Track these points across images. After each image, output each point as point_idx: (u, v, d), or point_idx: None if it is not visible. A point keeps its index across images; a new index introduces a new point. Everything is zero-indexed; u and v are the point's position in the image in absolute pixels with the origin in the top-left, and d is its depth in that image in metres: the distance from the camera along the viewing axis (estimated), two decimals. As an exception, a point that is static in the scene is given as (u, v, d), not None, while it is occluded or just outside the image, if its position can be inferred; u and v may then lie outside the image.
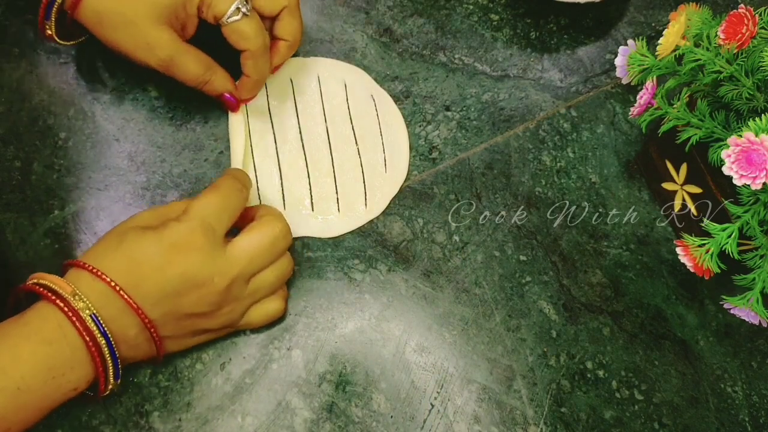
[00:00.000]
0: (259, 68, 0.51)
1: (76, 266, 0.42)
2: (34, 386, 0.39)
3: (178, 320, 0.43)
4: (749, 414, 0.50)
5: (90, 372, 0.41)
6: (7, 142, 0.52)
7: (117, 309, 0.41)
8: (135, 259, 0.42)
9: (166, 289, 0.42)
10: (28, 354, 0.39)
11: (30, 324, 0.40)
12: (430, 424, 0.47)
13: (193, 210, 0.44)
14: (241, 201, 0.46)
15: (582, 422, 0.48)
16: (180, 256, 0.42)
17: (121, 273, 0.41)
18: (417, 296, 0.51)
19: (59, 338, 0.40)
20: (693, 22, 0.48)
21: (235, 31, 0.48)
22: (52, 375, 0.39)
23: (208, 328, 0.45)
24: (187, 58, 0.49)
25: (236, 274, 0.44)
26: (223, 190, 0.46)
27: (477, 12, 0.62)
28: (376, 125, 0.56)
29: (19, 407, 0.39)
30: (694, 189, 0.51)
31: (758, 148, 0.39)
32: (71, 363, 0.40)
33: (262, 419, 0.46)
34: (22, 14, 0.56)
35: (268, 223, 0.46)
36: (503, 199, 0.55)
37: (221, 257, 0.43)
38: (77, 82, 0.54)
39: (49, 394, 0.40)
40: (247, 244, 0.44)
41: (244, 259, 0.44)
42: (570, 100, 0.59)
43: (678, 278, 0.54)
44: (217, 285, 0.43)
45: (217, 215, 0.44)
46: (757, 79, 0.44)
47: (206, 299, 0.43)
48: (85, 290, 0.41)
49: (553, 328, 0.51)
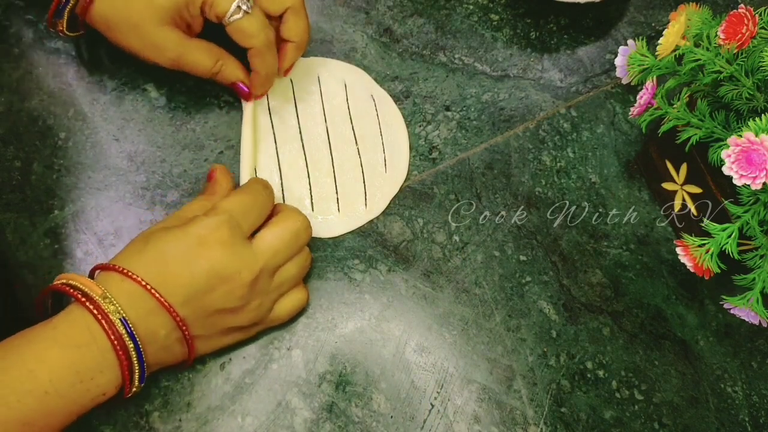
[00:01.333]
0: (267, 64, 0.51)
1: (104, 269, 0.42)
2: (62, 390, 0.38)
3: (207, 317, 0.43)
4: (749, 414, 0.50)
5: (118, 376, 0.41)
6: (7, 142, 0.52)
7: (146, 309, 0.41)
8: (162, 256, 0.42)
9: (194, 285, 0.42)
10: (57, 358, 0.39)
11: (58, 328, 0.40)
12: (430, 424, 0.47)
13: (220, 206, 0.45)
14: (268, 202, 0.47)
15: (582, 422, 0.48)
16: (206, 250, 0.42)
17: (149, 272, 0.41)
18: (417, 296, 0.51)
19: (88, 342, 0.39)
20: (693, 22, 0.48)
21: (238, 30, 0.49)
22: (80, 379, 0.39)
23: (237, 325, 0.45)
24: (196, 53, 0.50)
25: (262, 267, 0.44)
26: (250, 190, 0.47)
27: (477, 12, 0.62)
28: (376, 125, 0.56)
29: (47, 412, 0.38)
30: (694, 189, 0.51)
31: (758, 148, 0.39)
32: (100, 367, 0.40)
33: (262, 419, 0.46)
34: (22, 14, 0.56)
35: (290, 217, 0.47)
36: (503, 199, 0.55)
37: (247, 251, 0.44)
38: (77, 82, 0.54)
39: (77, 399, 0.39)
40: (271, 238, 0.45)
41: (269, 252, 0.45)
42: (570, 100, 0.59)
43: (678, 278, 0.54)
44: (244, 278, 0.43)
45: (244, 212, 0.45)
46: (757, 79, 0.44)
47: (234, 293, 0.43)
48: (115, 292, 0.41)
49: (553, 328, 0.51)
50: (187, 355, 0.44)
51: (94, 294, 0.40)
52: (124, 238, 0.50)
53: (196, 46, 0.50)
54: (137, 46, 0.50)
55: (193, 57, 0.50)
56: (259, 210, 0.46)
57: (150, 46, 0.49)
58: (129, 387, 0.41)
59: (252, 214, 0.46)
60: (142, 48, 0.50)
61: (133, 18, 0.48)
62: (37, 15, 0.56)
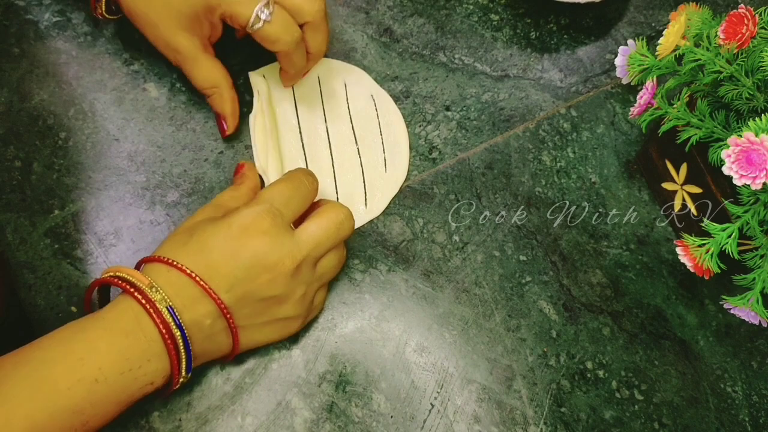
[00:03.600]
0: (294, 64, 0.52)
1: (150, 261, 0.43)
2: (112, 378, 0.39)
3: (252, 305, 0.43)
4: (749, 414, 0.50)
5: (165, 366, 0.41)
6: (7, 142, 0.52)
7: (192, 298, 0.42)
8: (207, 247, 0.43)
9: (237, 273, 0.42)
10: (106, 346, 0.40)
11: (107, 318, 0.41)
12: (430, 424, 0.47)
13: (262, 196, 0.46)
14: (310, 192, 0.48)
15: (582, 422, 0.48)
16: (249, 239, 0.43)
17: (194, 262, 0.42)
18: (417, 296, 0.51)
19: (136, 330, 0.40)
20: (693, 22, 0.48)
21: (263, 37, 0.49)
22: (128, 367, 0.40)
23: (282, 316, 0.45)
24: (198, 68, 0.52)
25: (304, 256, 0.44)
26: (293, 179, 0.47)
27: (477, 12, 0.62)
28: (376, 125, 0.56)
29: (97, 400, 0.39)
30: (694, 189, 0.51)
31: (758, 148, 0.39)
32: (147, 355, 0.40)
33: (262, 419, 0.46)
34: (22, 14, 0.56)
35: (333, 209, 0.47)
36: (503, 199, 0.55)
37: (289, 240, 0.44)
38: (77, 82, 0.54)
39: (125, 388, 0.40)
40: (314, 228, 0.45)
41: (312, 242, 0.45)
42: (570, 100, 0.59)
43: (678, 278, 0.54)
44: (286, 267, 0.43)
45: (285, 201, 0.46)
46: (757, 79, 0.44)
47: (277, 281, 0.43)
48: (161, 282, 0.41)
49: (553, 328, 0.51)
50: (232, 346, 0.44)
51: (141, 284, 0.41)
52: (124, 238, 0.50)
53: (202, 61, 0.51)
54: (152, 40, 0.51)
55: (195, 69, 0.51)
56: (301, 198, 0.47)
57: (163, 45, 0.51)
58: (177, 376, 0.42)
59: (293, 203, 0.46)
60: (156, 43, 0.51)
61: (151, 17, 0.50)
62: (37, 15, 0.56)
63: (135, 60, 0.55)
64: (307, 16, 0.50)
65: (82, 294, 0.48)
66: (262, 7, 0.48)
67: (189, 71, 0.52)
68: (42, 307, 0.48)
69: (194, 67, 0.51)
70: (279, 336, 0.47)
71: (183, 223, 0.46)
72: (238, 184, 0.50)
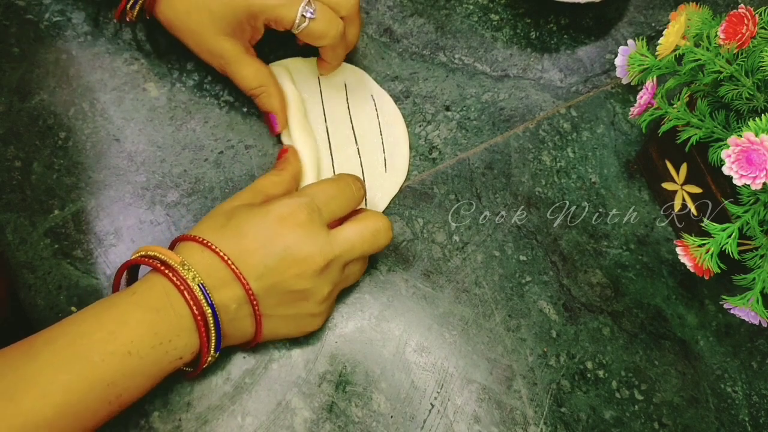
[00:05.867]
0: (337, 55, 0.54)
1: (185, 239, 0.44)
2: (143, 351, 0.40)
3: (278, 296, 0.44)
4: (749, 414, 0.50)
5: (194, 342, 0.42)
6: (7, 142, 0.52)
7: (221, 280, 0.42)
8: (242, 232, 0.44)
9: (268, 262, 0.43)
10: (136, 321, 0.40)
11: (137, 293, 0.42)
12: (430, 424, 0.47)
13: (306, 190, 0.47)
14: (355, 198, 0.48)
15: (582, 422, 0.48)
16: (284, 229, 0.44)
17: (227, 245, 0.43)
18: (417, 296, 0.51)
19: (166, 306, 0.41)
20: (693, 22, 0.48)
21: (308, 36, 0.50)
22: (159, 341, 0.40)
23: (305, 311, 0.46)
24: (245, 70, 0.52)
25: (336, 256, 0.45)
26: (340, 182, 0.48)
27: (477, 12, 0.62)
28: (376, 125, 0.56)
29: (129, 372, 0.40)
30: (694, 189, 0.51)
31: (758, 148, 0.39)
32: (177, 330, 0.41)
33: (262, 419, 0.46)
34: (22, 14, 0.56)
35: (374, 218, 0.47)
36: (503, 199, 0.55)
37: (323, 237, 0.44)
38: (77, 82, 0.54)
39: (156, 361, 0.41)
40: (350, 232, 0.46)
41: (347, 244, 0.45)
42: (570, 100, 0.59)
43: (678, 278, 0.54)
44: (316, 262, 0.44)
45: (327, 200, 0.46)
46: (757, 79, 0.44)
47: (305, 276, 0.44)
48: (193, 261, 0.42)
49: (553, 328, 0.51)
50: (254, 334, 0.45)
51: (173, 262, 0.42)
52: (124, 238, 0.50)
53: (247, 63, 0.52)
54: (194, 48, 0.52)
55: (240, 73, 0.52)
56: (344, 201, 0.47)
57: (205, 51, 0.51)
58: (206, 354, 0.43)
59: (334, 203, 0.47)
60: (198, 51, 0.52)
61: (192, 25, 0.50)
62: (37, 15, 0.56)
63: (135, 60, 0.55)
64: (343, 11, 0.51)
65: (82, 294, 0.48)
66: (306, 7, 0.48)
67: (235, 74, 0.52)
68: (42, 307, 0.48)
69: (240, 70, 0.52)
70: (299, 331, 0.48)
71: (221, 206, 0.47)
72: (280, 169, 0.50)
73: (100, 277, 0.49)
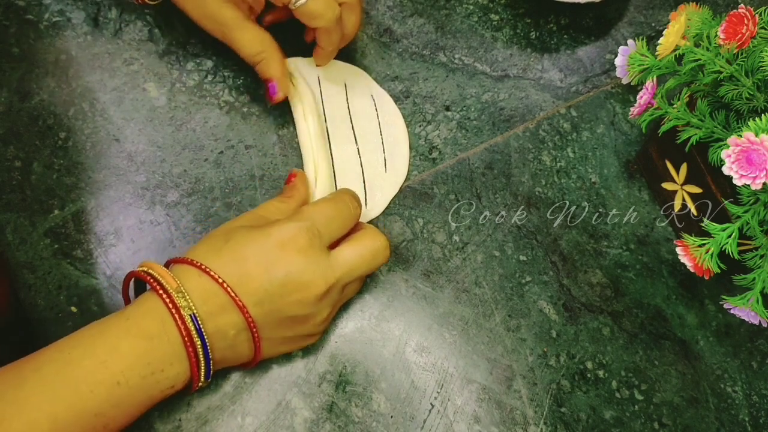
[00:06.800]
0: (332, 40, 0.53)
1: (182, 262, 0.43)
2: (133, 381, 0.39)
3: (278, 321, 0.43)
4: (749, 414, 0.50)
5: (187, 370, 0.41)
6: (7, 142, 0.52)
7: (219, 306, 0.41)
8: (241, 256, 0.42)
9: (269, 288, 0.42)
10: (128, 348, 0.39)
11: (131, 318, 0.41)
12: (430, 424, 0.47)
13: (304, 213, 0.45)
14: (353, 216, 0.47)
15: (582, 422, 0.48)
16: (285, 254, 0.43)
17: (227, 270, 0.42)
18: (417, 296, 0.51)
19: (160, 333, 0.40)
20: (693, 22, 0.48)
21: (305, 14, 0.50)
22: (151, 371, 0.40)
23: (304, 333, 0.46)
24: (244, 35, 0.51)
25: (336, 280, 0.44)
26: (337, 201, 0.47)
27: (477, 12, 0.62)
28: (376, 125, 0.56)
29: (118, 402, 0.39)
30: (694, 189, 0.51)
31: (758, 148, 0.39)
32: (170, 359, 0.40)
33: (262, 419, 0.46)
34: (22, 14, 0.56)
35: (372, 237, 0.47)
36: (503, 199, 0.55)
37: (324, 261, 0.44)
38: (77, 82, 0.54)
39: (147, 390, 0.40)
40: (350, 253, 0.45)
41: (346, 266, 0.45)
42: (570, 100, 0.59)
43: (678, 278, 0.54)
44: (318, 288, 0.43)
45: (326, 223, 0.45)
46: (757, 79, 0.44)
47: (306, 302, 0.43)
48: (190, 286, 0.41)
49: (553, 328, 0.51)
50: (252, 357, 0.44)
51: (169, 287, 0.41)
52: (124, 238, 0.50)
53: (248, 29, 0.52)
54: (196, 15, 0.51)
55: (241, 38, 0.51)
56: (342, 222, 0.47)
57: (208, 18, 0.51)
58: (197, 381, 0.42)
59: (334, 225, 0.46)
60: (201, 18, 0.52)
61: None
62: (37, 15, 0.56)
63: (135, 60, 0.55)
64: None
65: (82, 294, 0.48)
66: None
67: (235, 40, 0.52)
68: (42, 307, 0.48)
69: (241, 35, 0.51)
70: (296, 348, 0.48)
71: (220, 227, 0.46)
72: (287, 197, 0.49)
73: (100, 277, 0.49)
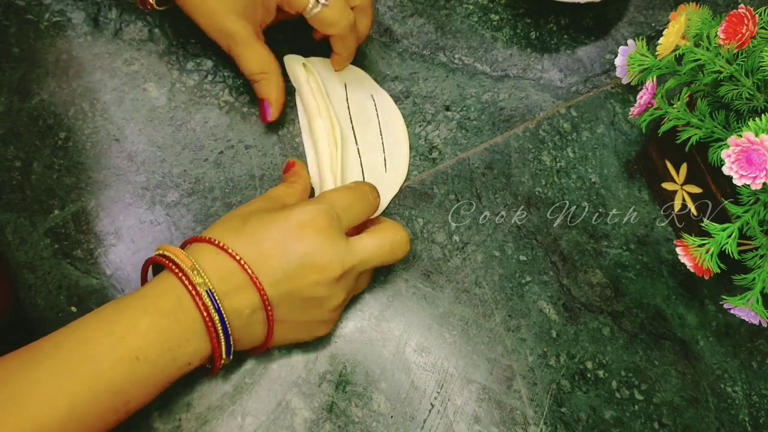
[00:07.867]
0: (348, 47, 0.53)
1: (200, 241, 0.43)
2: (152, 357, 0.39)
3: (294, 302, 0.43)
4: (749, 414, 0.50)
5: (204, 347, 0.42)
6: (7, 142, 0.52)
7: (236, 285, 0.42)
8: (260, 236, 0.43)
9: (287, 268, 0.42)
10: (146, 325, 0.40)
11: (148, 297, 0.41)
12: (430, 424, 0.47)
13: (325, 197, 0.46)
14: (371, 206, 0.48)
15: (582, 422, 0.48)
16: (304, 235, 0.43)
17: (245, 249, 0.42)
18: (417, 296, 0.51)
19: (176, 310, 0.40)
20: (693, 22, 0.48)
21: (320, 21, 0.50)
22: (168, 346, 0.40)
23: (318, 318, 0.46)
24: (250, 53, 0.52)
25: (353, 265, 0.44)
26: (357, 190, 0.48)
27: (477, 12, 0.62)
28: (376, 125, 0.56)
29: (137, 379, 0.39)
30: (694, 189, 0.51)
31: (758, 148, 0.39)
32: (187, 335, 0.41)
33: (262, 419, 0.46)
34: (22, 14, 0.56)
35: (392, 229, 0.47)
36: (503, 199, 0.55)
37: (342, 245, 0.44)
38: (77, 82, 0.54)
39: (165, 367, 0.40)
40: (369, 242, 0.46)
41: (364, 254, 0.45)
42: (570, 100, 0.59)
43: (678, 278, 0.54)
44: (334, 270, 0.43)
45: (346, 208, 0.46)
46: (757, 79, 0.44)
47: (323, 282, 0.43)
48: (206, 264, 0.42)
49: (553, 328, 0.51)
50: (264, 340, 0.45)
51: (184, 265, 0.41)
52: (124, 238, 0.50)
53: (255, 47, 0.52)
54: (205, 27, 0.52)
55: (247, 56, 0.52)
56: (361, 208, 0.47)
57: (217, 31, 0.52)
58: (219, 358, 0.42)
59: (353, 211, 0.46)
60: (210, 29, 0.52)
61: (209, 3, 0.51)
62: (37, 15, 0.56)
63: (135, 60, 0.55)
64: (356, 1, 0.51)
65: (82, 294, 0.48)
66: None
67: (240, 56, 0.52)
68: (42, 307, 0.48)
69: (247, 53, 0.52)
70: (309, 337, 0.47)
71: (235, 211, 0.46)
72: (291, 182, 0.50)
73: (100, 277, 0.49)
